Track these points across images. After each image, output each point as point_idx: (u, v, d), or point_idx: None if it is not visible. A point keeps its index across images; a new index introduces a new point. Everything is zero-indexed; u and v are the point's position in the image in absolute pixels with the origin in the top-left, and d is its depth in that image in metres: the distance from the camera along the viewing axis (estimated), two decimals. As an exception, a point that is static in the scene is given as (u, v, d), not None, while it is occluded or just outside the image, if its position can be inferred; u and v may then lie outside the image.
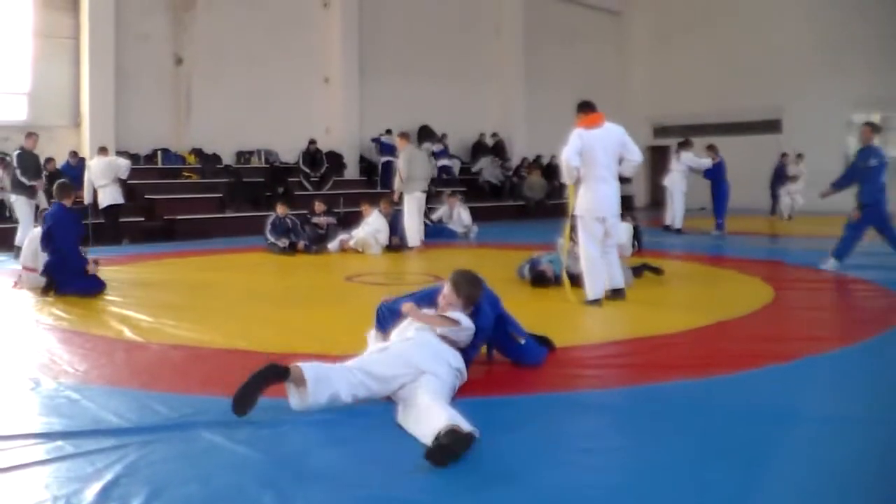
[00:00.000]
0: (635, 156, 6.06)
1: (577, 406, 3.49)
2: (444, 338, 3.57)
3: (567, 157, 5.94)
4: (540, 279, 6.96)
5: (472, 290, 3.81)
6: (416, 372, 3.30)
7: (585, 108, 6.21)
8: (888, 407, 3.48)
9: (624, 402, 3.57)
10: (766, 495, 2.53)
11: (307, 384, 3.16)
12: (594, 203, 6.05)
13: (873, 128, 8.10)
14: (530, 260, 7.25)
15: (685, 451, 2.97)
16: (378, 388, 3.32)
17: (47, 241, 6.75)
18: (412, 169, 10.60)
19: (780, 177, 16.57)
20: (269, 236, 10.24)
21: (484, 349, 4.12)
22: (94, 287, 6.76)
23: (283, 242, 10.11)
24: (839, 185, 8.33)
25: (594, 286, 6.04)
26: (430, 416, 2.92)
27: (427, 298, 3.94)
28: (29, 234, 7.33)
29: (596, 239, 6.09)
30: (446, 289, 3.80)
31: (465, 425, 2.79)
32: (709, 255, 9.80)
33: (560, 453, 2.90)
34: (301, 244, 10.19)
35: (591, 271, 6.06)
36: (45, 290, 6.67)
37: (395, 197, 10.90)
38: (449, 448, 2.67)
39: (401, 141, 10.95)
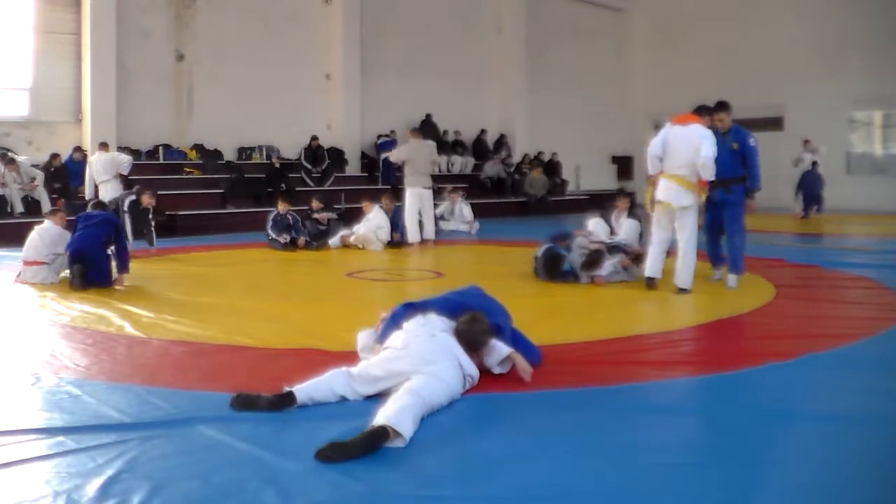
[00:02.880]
0: (700, 155, 6.16)
1: (573, 403, 3.48)
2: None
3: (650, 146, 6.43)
4: (553, 263, 7.00)
5: (482, 339, 3.72)
6: (423, 367, 3.32)
7: (698, 110, 6.62)
8: (890, 406, 3.48)
9: (622, 400, 3.56)
10: (766, 494, 2.53)
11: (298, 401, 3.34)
12: (658, 191, 6.44)
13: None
14: (549, 245, 7.25)
15: (684, 449, 2.97)
16: (385, 385, 3.39)
17: (113, 235, 7.00)
18: (411, 164, 10.65)
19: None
20: (269, 233, 10.24)
21: None
22: (109, 279, 6.95)
23: (284, 238, 10.11)
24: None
25: (650, 265, 6.51)
26: (398, 402, 3.02)
27: (448, 308, 3.86)
28: (37, 229, 7.33)
29: (659, 225, 6.47)
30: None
31: (404, 430, 2.85)
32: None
33: (556, 450, 2.89)
34: (302, 240, 10.19)
35: (650, 253, 6.55)
36: (79, 284, 6.66)
37: (392, 157, 11.26)
38: (343, 449, 2.75)
39: (410, 135, 11.21)
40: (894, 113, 19.27)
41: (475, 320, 3.71)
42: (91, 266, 6.78)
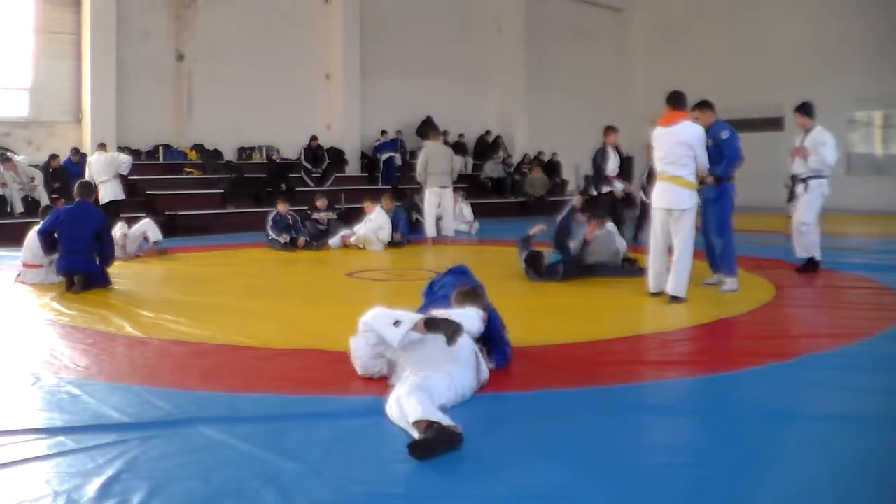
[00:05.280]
0: (697, 163, 6.04)
1: (573, 403, 3.48)
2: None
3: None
4: (533, 261, 7.15)
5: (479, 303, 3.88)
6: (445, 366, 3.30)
7: (673, 102, 6.25)
8: (890, 406, 3.48)
9: (622, 400, 3.56)
10: (766, 494, 2.53)
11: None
12: (654, 197, 6.26)
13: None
14: (529, 249, 7.36)
15: (683, 449, 2.97)
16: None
17: (100, 235, 6.88)
18: (429, 165, 11.16)
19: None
20: (269, 232, 10.24)
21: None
22: (108, 279, 6.87)
23: (284, 238, 10.11)
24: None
25: (653, 280, 6.26)
26: (407, 403, 2.95)
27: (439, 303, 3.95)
28: (34, 232, 7.29)
29: (656, 233, 6.23)
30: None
31: (445, 421, 2.84)
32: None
33: (555, 450, 2.89)
34: (302, 240, 10.19)
35: (650, 265, 6.30)
36: (79, 288, 6.55)
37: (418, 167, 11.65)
38: (431, 443, 2.72)
39: (431, 136, 11.94)
40: (894, 113, 19.26)
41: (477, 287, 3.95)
42: (88, 276, 6.73)
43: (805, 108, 7.70)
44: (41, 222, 7.09)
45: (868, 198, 17.51)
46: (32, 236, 7.17)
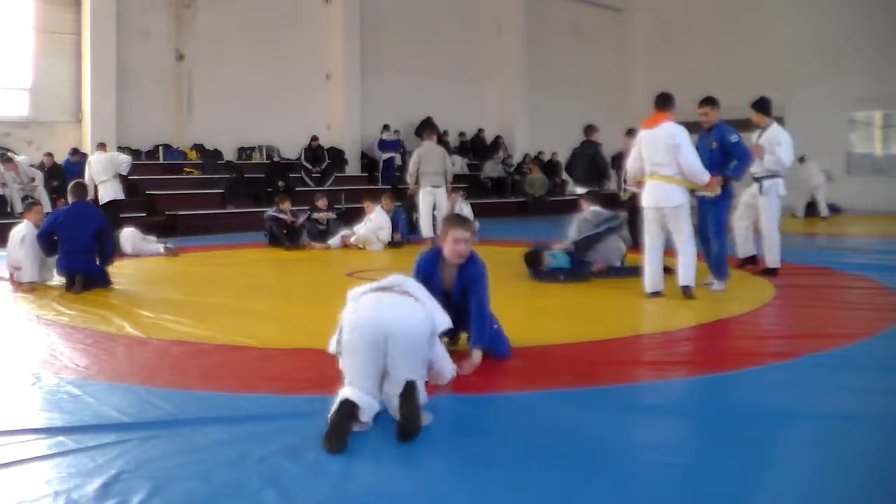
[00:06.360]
0: (681, 164, 5.94)
1: (572, 403, 3.48)
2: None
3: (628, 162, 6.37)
4: (532, 259, 7.21)
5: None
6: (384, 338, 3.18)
7: (659, 103, 6.24)
8: (889, 405, 3.48)
9: (621, 400, 3.56)
10: (767, 494, 2.53)
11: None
12: (644, 196, 6.20)
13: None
14: (537, 246, 7.36)
15: (683, 449, 2.97)
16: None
17: (100, 235, 6.88)
18: (422, 165, 10.96)
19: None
20: (269, 211, 10.53)
21: (464, 336, 4.14)
22: (107, 279, 6.86)
23: (281, 214, 10.31)
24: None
25: (649, 280, 6.20)
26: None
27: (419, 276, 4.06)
28: (27, 237, 7.15)
29: (650, 232, 6.18)
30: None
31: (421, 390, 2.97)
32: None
33: (555, 450, 2.89)
34: (301, 219, 10.35)
35: (646, 265, 6.24)
36: (79, 287, 6.55)
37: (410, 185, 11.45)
38: (405, 423, 2.86)
39: (425, 136, 11.63)
40: (894, 113, 19.26)
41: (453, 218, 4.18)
42: (89, 276, 6.72)
43: (761, 105, 7.52)
44: (16, 224, 7.13)
45: (868, 198, 17.50)
46: (34, 247, 6.89)
